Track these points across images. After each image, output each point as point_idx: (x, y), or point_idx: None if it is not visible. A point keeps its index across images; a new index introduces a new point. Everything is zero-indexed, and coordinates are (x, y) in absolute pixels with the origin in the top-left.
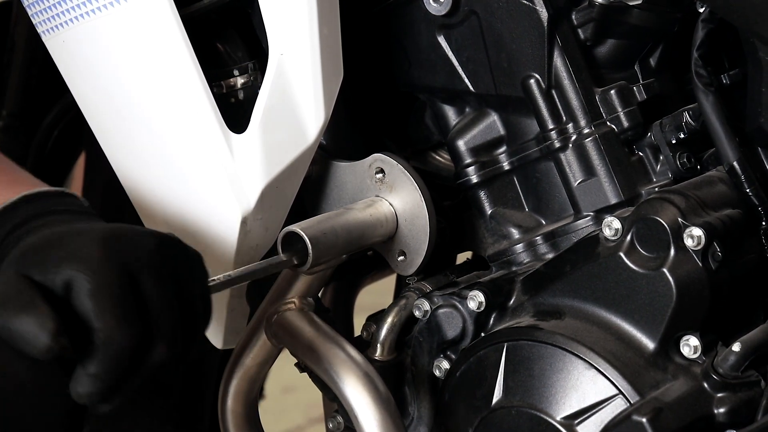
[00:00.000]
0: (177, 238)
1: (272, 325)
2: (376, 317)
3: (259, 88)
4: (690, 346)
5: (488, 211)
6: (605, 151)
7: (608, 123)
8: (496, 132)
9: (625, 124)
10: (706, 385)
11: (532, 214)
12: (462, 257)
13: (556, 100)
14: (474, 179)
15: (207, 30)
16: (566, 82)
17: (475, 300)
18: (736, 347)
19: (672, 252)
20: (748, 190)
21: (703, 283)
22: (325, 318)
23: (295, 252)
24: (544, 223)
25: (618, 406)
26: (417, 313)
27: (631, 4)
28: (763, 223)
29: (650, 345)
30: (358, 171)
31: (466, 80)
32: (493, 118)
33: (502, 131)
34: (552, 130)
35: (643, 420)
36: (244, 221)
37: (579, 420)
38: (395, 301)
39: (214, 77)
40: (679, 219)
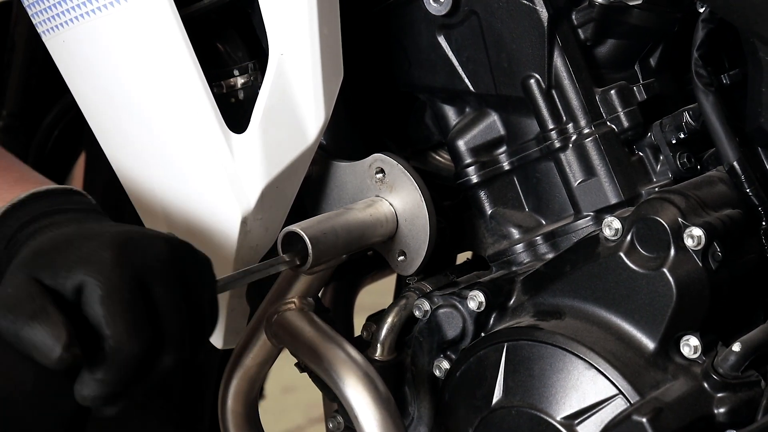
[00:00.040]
0: (187, 243)
1: (272, 325)
2: (376, 317)
3: (259, 88)
4: (690, 346)
5: (488, 211)
6: (605, 151)
7: (608, 123)
8: (496, 132)
9: (625, 124)
10: (706, 385)
11: (532, 214)
12: (462, 257)
13: (556, 100)
14: (474, 179)
15: (207, 30)
16: (566, 82)
17: (475, 300)
18: (736, 347)
19: (672, 252)
20: (748, 190)
21: (703, 283)
22: (325, 318)
23: (296, 252)
24: (544, 223)
25: (618, 406)
26: (417, 313)
27: (631, 4)
28: (763, 223)
29: (650, 345)
30: (358, 171)
31: (466, 80)
32: (493, 118)
33: (502, 131)
34: (552, 130)
35: (643, 420)
36: (244, 221)
37: (579, 420)
38: (395, 301)
39: (214, 77)
40: (680, 219)
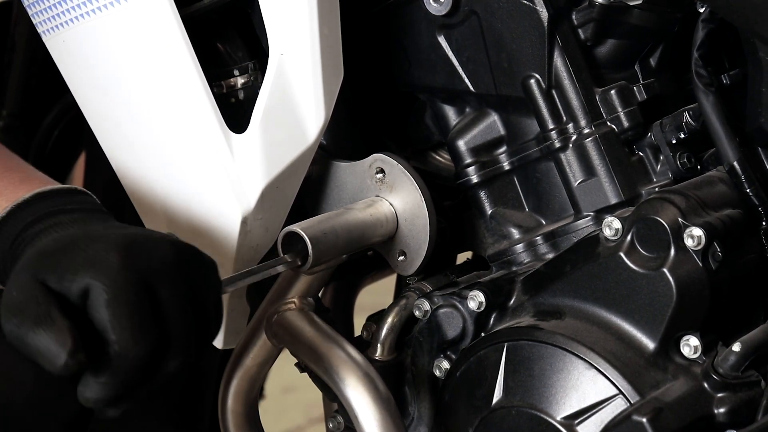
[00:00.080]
0: (192, 246)
1: (272, 325)
2: (376, 317)
3: (260, 88)
4: (690, 346)
5: (488, 211)
6: (605, 151)
7: (608, 123)
8: (497, 132)
9: (626, 124)
10: (706, 385)
11: (532, 214)
12: (462, 257)
13: (557, 100)
14: (474, 179)
15: (207, 30)
16: (566, 82)
17: (476, 300)
18: (736, 347)
19: (672, 252)
20: (748, 190)
21: (703, 283)
22: (325, 318)
23: (296, 252)
24: (544, 223)
25: (618, 406)
26: (417, 313)
27: (631, 4)
28: (764, 223)
29: (650, 345)
30: (359, 171)
31: (467, 80)
32: (494, 118)
33: (503, 131)
34: (552, 130)
35: (644, 420)
36: (245, 221)
37: (579, 420)
38: (395, 301)
39: (215, 77)
40: (680, 219)
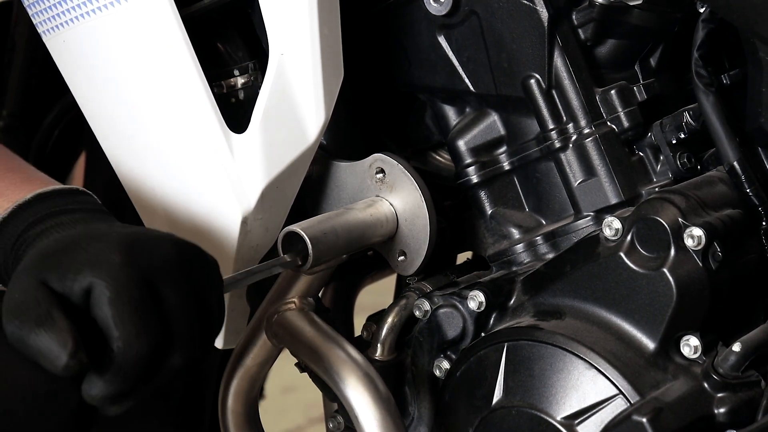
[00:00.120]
0: (194, 245)
1: (272, 325)
2: (376, 317)
3: (260, 88)
4: (690, 346)
5: (488, 211)
6: (605, 151)
7: (608, 123)
8: (497, 132)
9: (626, 124)
10: (706, 385)
11: (533, 214)
12: (462, 257)
13: (557, 100)
14: (474, 179)
15: (207, 30)
16: (566, 82)
17: (476, 300)
18: (737, 347)
19: (672, 252)
20: (748, 190)
21: (703, 283)
22: (325, 318)
23: (296, 252)
24: (544, 223)
25: (618, 406)
26: (417, 313)
27: (631, 4)
28: (764, 223)
29: (650, 345)
30: (359, 171)
31: (467, 80)
32: (494, 118)
33: (503, 131)
34: (552, 130)
35: (644, 420)
36: (245, 221)
37: (579, 420)
38: (395, 301)
39: (215, 77)
40: (680, 219)
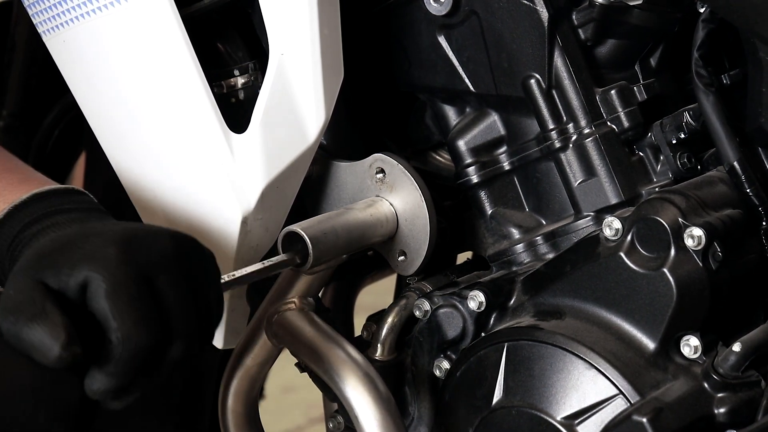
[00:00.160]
0: (191, 237)
1: (272, 325)
2: (377, 317)
3: (260, 88)
4: (690, 346)
5: (488, 211)
6: (605, 151)
7: (609, 123)
8: (497, 132)
9: (626, 124)
10: (706, 385)
11: (533, 214)
12: (462, 257)
13: (557, 100)
14: (474, 179)
15: (207, 30)
16: (566, 82)
17: (476, 300)
18: (737, 347)
19: (672, 252)
20: (748, 190)
21: (703, 283)
22: (325, 318)
23: (296, 252)
24: (544, 223)
25: (618, 406)
26: (417, 313)
27: (631, 4)
28: (764, 223)
29: (650, 345)
30: (359, 171)
31: (467, 80)
32: (494, 118)
33: (503, 131)
34: (552, 130)
35: (644, 420)
36: (245, 221)
37: (579, 420)
38: (395, 301)
39: (215, 77)
40: (680, 219)
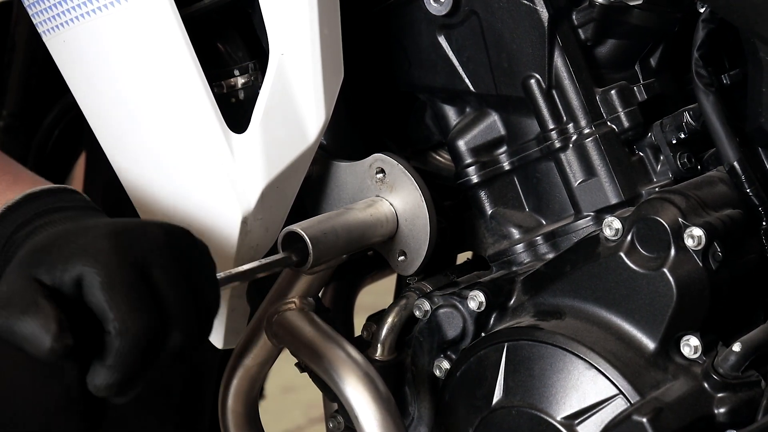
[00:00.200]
0: (183, 228)
1: (273, 324)
2: (377, 317)
3: (260, 88)
4: (690, 346)
5: (488, 211)
6: (605, 151)
7: (609, 123)
8: (497, 132)
9: (626, 124)
10: (706, 385)
11: (533, 214)
12: (462, 257)
13: (557, 100)
14: (474, 179)
15: (207, 30)
16: (567, 82)
17: (476, 300)
18: (737, 347)
19: (672, 252)
20: (748, 190)
21: (703, 283)
22: (325, 318)
23: (296, 252)
24: (544, 223)
25: (618, 406)
26: (417, 313)
27: (631, 4)
28: (764, 223)
29: (650, 345)
30: (359, 171)
31: (467, 80)
32: (494, 118)
33: (503, 131)
34: (552, 130)
35: (644, 420)
36: (245, 221)
37: (579, 420)
38: (395, 301)
39: (215, 77)
40: (680, 219)
